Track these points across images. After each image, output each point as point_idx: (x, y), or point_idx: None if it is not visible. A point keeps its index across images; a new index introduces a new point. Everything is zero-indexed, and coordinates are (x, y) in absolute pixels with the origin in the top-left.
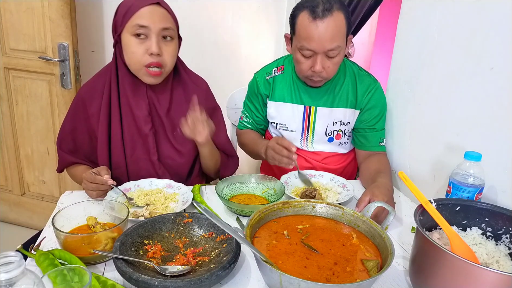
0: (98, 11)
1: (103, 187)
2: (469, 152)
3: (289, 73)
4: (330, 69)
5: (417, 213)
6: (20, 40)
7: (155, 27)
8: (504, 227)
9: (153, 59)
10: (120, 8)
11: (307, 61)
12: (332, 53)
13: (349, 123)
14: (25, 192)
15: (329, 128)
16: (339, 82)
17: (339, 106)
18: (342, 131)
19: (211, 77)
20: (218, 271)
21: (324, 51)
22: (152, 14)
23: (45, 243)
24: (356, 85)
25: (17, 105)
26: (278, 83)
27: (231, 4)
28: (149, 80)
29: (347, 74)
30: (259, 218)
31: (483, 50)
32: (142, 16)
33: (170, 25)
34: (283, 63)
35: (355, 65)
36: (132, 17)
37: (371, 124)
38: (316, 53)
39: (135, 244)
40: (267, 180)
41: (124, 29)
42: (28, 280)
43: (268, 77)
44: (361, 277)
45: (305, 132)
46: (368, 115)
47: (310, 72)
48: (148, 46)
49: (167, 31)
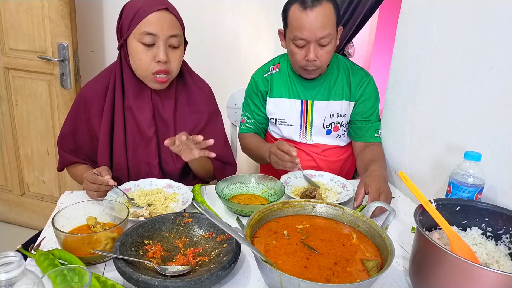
0: (98, 11)
1: (104, 188)
2: (469, 152)
3: (285, 69)
4: (323, 58)
5: (417, 213)
6: (20, 40)
7: (163, 34)
8: (504, 227)
9: (160, 66)
10: (126, 11)
11: (301, 51)
12: (324, 41)
13: (345, 115)
14: (25, 192)
15: (327, 120)
16: (333, 76)
17: (335, 99)
18: (340, 123)
19: (211, 77)
20: (218, 271)
21: (316, 39)
22: (161, 21)
23: (45, 243)
24: (349, 78)
25: (17, 105)
26: (275, 80)
27: (231, 4)
28: (155, 86)
29: (340, 68)
30: (259, 218)
31: (483, 50)
32: (150, 23)
33: (178, 32)
34: (279, 61)
35: (348, 60)
36: (140, 23)
37: (366, 116)
38: (308, 42)
39: (135, 244)
40: (267, 180)
41: (131, 35)
42: (28, 280)
43: (265, 75)
44: (361, 277)
45: (303, 126)
46: (362, 107)
47: (304, 62)
48: (155, 53)
49: (175, 39)
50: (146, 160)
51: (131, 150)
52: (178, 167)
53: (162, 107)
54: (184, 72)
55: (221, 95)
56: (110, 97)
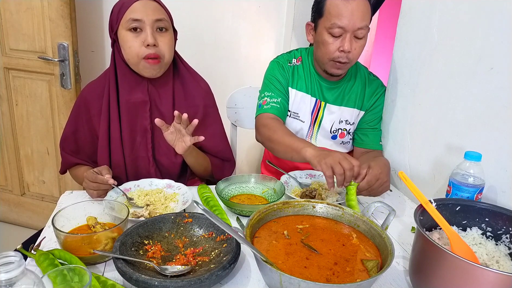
0: (98, 11)
1: (103, 187)
2: (469, 152)
3: (307, 65)
4: (356, 51)
5: (417, 213)
6: (20, 40)
7: (148, 19)
8: (504, 227)
9: (150, 50)
10: (114, 8)
11: (335, 42)
12: (360, 32)
13: (354, 123)
14: (25, 192)
15: (335, 125)
16: (350, 83)
17: (347, 106)
18: (347, 130)
19: (211, 77)
20: (218, 271)
21: (354, 30)
22: (145, 7)
23: (45, 243)
24: (365, 88)
25: (17, 105)
26: (296, 73)
27: (231, 4)
28: (149, 72)
29: (358, 76)
30: (259, 218)
31: (483, 50)
32: (135, 10)
33: (163, 16)
34: (301, 55)
35: (365, 68)
36: (126, 12)
37: (373, 124)
38: (346, 31)
39: (135, 244)
40: (267, 180)
41: (119, 26)
42: (28, 280)
43: (289, 64)
44: (361, 277)
45: (312, 125)
46: (371, 115)
47: (337, 53)
48: (143, 38)
49: (161, 22)
50: (143, 154)
51: (128, 146)
52: (174, 161)
53: (160, 100)
54: (179, 66)
55: (221, 95)
56: (107, 95)
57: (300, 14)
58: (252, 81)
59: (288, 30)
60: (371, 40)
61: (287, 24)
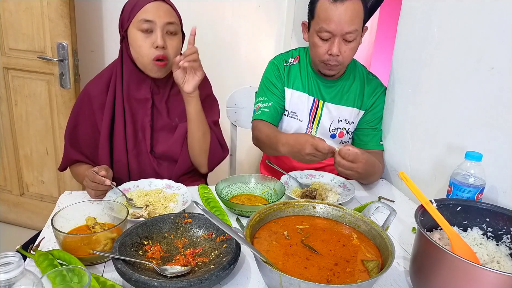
0: (98, 11)
1: (102, 187)
2: (470, 152)
3: (304, 63)
4: (346, 54)
5: (418, 213)
6: (19, 39)
7: (160, 21)
8: (505, 227)
9: (159, 52)
10: (127, 6)
11: (324, 45)
12: (349, 36)
13: (353, 122)
14: (24, 192)
15: (334, 124)
16: (348, 82)
17: (346, 105)
18: (346, 129)
19: (210, 77)
20: (218, 272)
21: (342, 34)
22: (157, 9)
23: (44, 243)
24: (364, 87)
25: (16, 105)
26: (293, 72)
27: (231, 4)
28: (156, 74)
29: (356, 75)
30: (259, 219)
31: (483, 50)
32: (147, 11)
33: (174, 19)
34: (299, 54)
35: (364, 68)
36: (138, 12)
37: (373, 125)
38: (334, 35)
39: (134, 245)
40: (267, 180)
41: (130, 25)
42: (28, 281)
43: (285, 64)
44: (362, 278)
45: (311, 124)
46: (371, 116)
47: (326, 56)
48: (153, 39)
49: (171, 26)
50: (145, 149)
51: (131, 140)
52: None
53: (158, 96)
54: None
55: (221, 95)
56: (112, 90)
57: (300, 14)
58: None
59: (288, 30)
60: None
61: (287, 23)
